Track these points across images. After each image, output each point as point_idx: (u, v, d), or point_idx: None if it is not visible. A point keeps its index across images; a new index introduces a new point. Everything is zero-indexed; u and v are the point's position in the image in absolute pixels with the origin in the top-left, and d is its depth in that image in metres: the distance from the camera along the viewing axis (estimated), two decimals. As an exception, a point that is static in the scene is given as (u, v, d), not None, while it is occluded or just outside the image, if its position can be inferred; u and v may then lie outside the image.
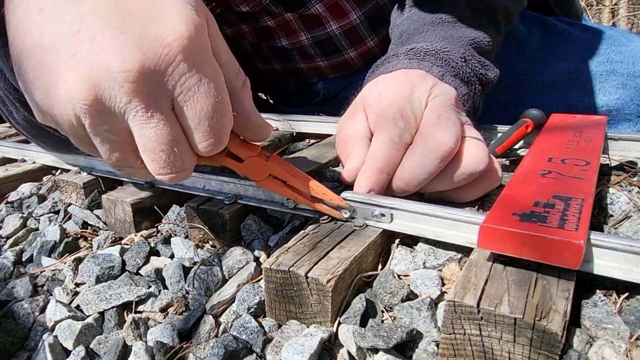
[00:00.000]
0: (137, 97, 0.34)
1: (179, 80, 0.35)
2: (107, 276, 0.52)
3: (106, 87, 0.34)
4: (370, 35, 0.93)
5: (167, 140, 0.37)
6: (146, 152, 0.38)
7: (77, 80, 0.34)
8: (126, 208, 0.61)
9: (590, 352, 0.33)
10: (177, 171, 0.39)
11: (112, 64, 0.33)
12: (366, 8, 0.89)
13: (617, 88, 0.82)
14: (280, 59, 1.03)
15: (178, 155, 0.38)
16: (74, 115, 0.35)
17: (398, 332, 0.35)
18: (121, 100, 0.34)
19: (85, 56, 0.34)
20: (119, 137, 0.37)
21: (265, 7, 0.88)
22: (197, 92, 0.36)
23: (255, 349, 0.39)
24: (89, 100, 0.34)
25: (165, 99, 0.36)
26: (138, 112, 0.35)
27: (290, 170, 0.49)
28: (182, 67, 0.35)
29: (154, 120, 0.36)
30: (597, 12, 3.87)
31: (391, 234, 0.48)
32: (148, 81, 0.34)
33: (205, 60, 0.36)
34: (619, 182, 0.56)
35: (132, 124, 0.36)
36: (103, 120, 0.36)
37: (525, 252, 0.36)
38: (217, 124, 0.38)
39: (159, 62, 0.34)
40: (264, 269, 0.42)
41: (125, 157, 0.39)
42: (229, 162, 0.47)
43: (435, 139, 0.47)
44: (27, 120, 0.60)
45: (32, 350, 0.45)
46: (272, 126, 0.48)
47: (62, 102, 0.35)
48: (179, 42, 0.34)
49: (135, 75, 0.33)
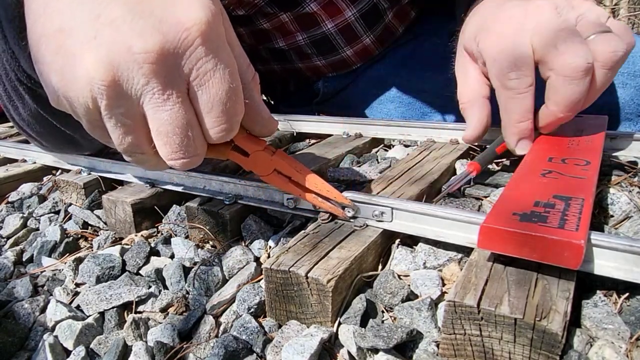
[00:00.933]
0: (155, 78, 0.35)
1: (195, 64, 0.36)
2: (108, 276, 0.52)
3: (125, 68, 0.34)
4: (365, 32, 0.93)
5: (182, 124, 0.37)
6: (160, 135, 0.38)
7: (96, 61, 0.34)
8: (126, 208, 0.61)
9: (591, 352, 0.33)
10: (190, 156, 0.39)
11: (133, 45, 0.34)
12: (361, 5, 0.89)
13: (617, 87, 0.82)
14: (278, 59, 1.03)
15: (192, 139, 0.39)
16: (91, 96, 0.35)
17: (398, 332, 0.35)
18: (139, 82, 0.35)
19: (105, 39, 0.34)
20: (133, 121, 0.38)
21: (260, 8, 0.88)
22: (213, 77, 0.36)
23: (255, 349, 0.39)
24: (107, 81, 0.34)
25: (181, 82, 0.36)
26: (155, 94, 0.36)
27: (295, 166, 0.49)
28: (200, 51, 0.35)
29: (170, 103, 0.36)
30: (597, 12, 3.87)
31: (391, 234, 0.48)
32: (167, 63, 0.35)
33: (221, 47, 0.37)
34: (620, 182, 0.56)
35: (147, 107, 0.37)
36: (120, 102, 0.36)
37: (526, 252, 0.36)
38: (230, 110, 0.38)
39: (178, 45, 0.35)
40: (264, 269, 0.42)
41: (138, 142, 0.39)
42: (235, 155, 0.47)
43: (566, 65, 0.49)
44: (33, 114, 0.60)
45: (33, 350, 0.45)
46: (277, 122, 0.48)
47: (79, 83, 0.35)
48: (198, 27, 0.35)
49: (154, 57, 0.34)
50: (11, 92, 0.59)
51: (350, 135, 0.84)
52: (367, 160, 0.73)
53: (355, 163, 0.73)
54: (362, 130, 0.83)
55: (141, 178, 0.67)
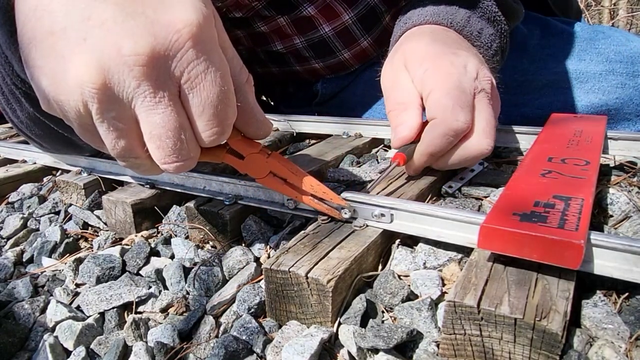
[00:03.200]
0: (146, 81, 0.35)
1: (187, 67, 0.35)
2: (108, 277, 0.52)
3: (116, 70, 0.34)
4: (363, 35, 0.93)
5: (174, 127, 0.37)
6: (152, 139, 0.38)
7: (86, 64, 0.34)
8: (127, 209, 0.61)
9: (591, 352, 0.33)
10: (184, 159, 0.39)
11: (123, 47, 0.33)
12: (358, 9, 0.89)
13: (617, 88, 0.82)
14: (276, 62, 1.03)
15: (185, 142, 0.38)
16: (82, 100, 0.35)
17: (398, 332, 0.36)
18: (130, 85, 0.35)
19: (95, 41, 0.34)
20: (125, 125, 0.37)
21: (257, 11, 0.88)
22: (204, 80, 0.36)
23: (255, 349, 0.39)
24: (97, 84, 0.34)
25: (173, 85, 0.36)
26: (146, 97, 0.35)
27: (291, 168, 0.49)
28: (191, 54, 0.35)
29: (162, 106, 0.36)
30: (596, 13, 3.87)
31: (391, 234, 0.48)
32: (157, 65, 0.34)
33: (213, 49, 0.37)
34: (619, 182, 0.56)
35: (139, 110, 0.36)
36: (111, 105, 0.35)
37: (526, 252, 0.36)
38: (221, 113, 0.38)
39: (169, 47, 0.34)
40: (264, 270, 0.42)
41: (130, 146, 0.39)
42: (230, 159, 0.47)
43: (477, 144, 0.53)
44: (31, 117, 0.60)
45: (33, 350, 0.45)
46: (272, 124, 0.48)
47: (70, 87, 0.35)
48: (189, 29, 0.35)
49: (145, 59, 0.34)
50: (8, 95, 0.58)
51: (350, 135, 0.84)
52: (367, 161, 0.73)
53: (355, 163, 0.73)
54: (362, 131, 0.83)
55: (141, 179, 0.67)
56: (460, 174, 0.61)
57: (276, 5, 0.87)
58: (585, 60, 0.84)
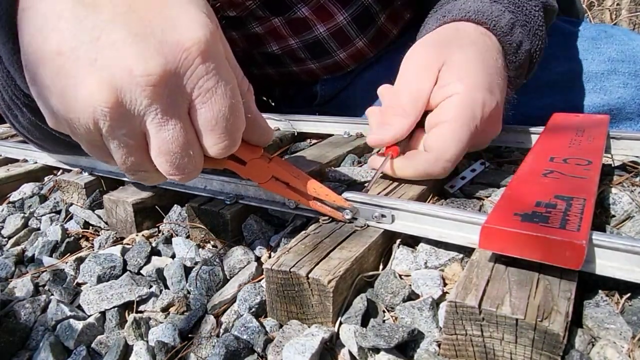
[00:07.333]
0: (157, 100, 0.35)
1: (197, 83, 0.36)
2: (109, 276, 0.52)
3: (127, 90, 0.35)
4: (358, 35, 0.93)
5: (183, 143, 0.38)
6: (161, 154, 0.38)
7: (98, 84, 0.34)
8: (127, 208, 0.61)
9: (593, 352, 0.33)
10: (189, 172, 0.40)
11: (135, 68, 0.34)
12: (352, 9, 0.89)
13: (619, 87, 0.81)
14: (272, 63, 1.03)
15: (192, 157, 0.39)
16: (93, 119, 0.36)
17: (399, 332, 0.35)
18: (142, 103, 0.35)
19: (106, 62, 0.34)
20: (135, 141, 0.38)
21: (252, 11, 0.88)
22: (215, 94, 0.37)
23: (256, 349, 0.39)
24: (110, 103, 0.35)
25: (183, 102, 0.37)
26: (158, 114, 0.36)
27: (292, 171, 0.49)
28: (201, 70, 0.36)
29: (172, 123, 0.37)
30: (598, 13, 3.86)
31: (392, 234, 0.48)
32: (168, 84, 0.35)
33: (221, 64, 0.37)
34: (621, 182, 0.56)
35: (150, 126, 0.37)
36: (122, 124, 0.36)
37: (527, 252, 0.36)
38: (232, 126, 0.39)
39: (178, 66, 0.35)
40: (265, 270, 0.42)
41: (140, 160, 0.40)
42: (232, 164, 0.47)
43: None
44: (33, 123, 0.61)
45: (34, 349, 0.45)
46: (273, 130, 0.48)
47: (81, 106, 0.35)
48: (197, 47, 0.35)
49: (156, 79, 0.34)
50: (10, 103, 0.59)
51: (351, 135, 0.84)
52: (368, 160, 0.73)
53: (356, 163, 0.73)
54: (363, 130, 0.83)
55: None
56: (462, 174, 0.61)
57: (270, 5, 0.87)
58: (588, 60, 0.84)
